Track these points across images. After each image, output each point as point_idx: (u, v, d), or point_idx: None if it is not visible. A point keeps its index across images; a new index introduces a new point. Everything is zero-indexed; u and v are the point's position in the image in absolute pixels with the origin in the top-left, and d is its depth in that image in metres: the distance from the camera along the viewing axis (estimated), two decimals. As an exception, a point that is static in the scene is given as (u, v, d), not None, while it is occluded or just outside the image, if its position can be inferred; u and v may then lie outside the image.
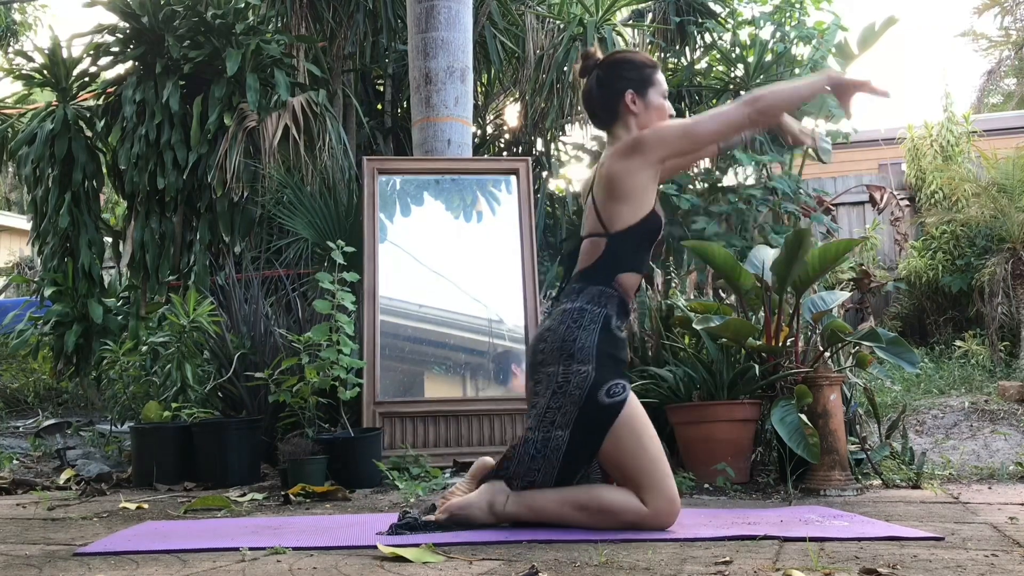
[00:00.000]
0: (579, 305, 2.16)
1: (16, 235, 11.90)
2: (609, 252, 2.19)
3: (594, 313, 2.15)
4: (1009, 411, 4.43)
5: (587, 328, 2.13)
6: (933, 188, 7.75)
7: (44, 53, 5.43)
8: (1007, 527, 2.14)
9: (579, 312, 2.15)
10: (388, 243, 4.07)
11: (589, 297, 2.17)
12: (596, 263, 2.20)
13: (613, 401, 2.09)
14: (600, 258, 2.20)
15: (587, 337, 2.12)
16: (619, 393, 2.10)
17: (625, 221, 2.18)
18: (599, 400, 2.08)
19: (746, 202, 5.53)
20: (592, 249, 2.22)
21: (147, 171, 5.06)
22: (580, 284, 2.21)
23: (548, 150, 6.54)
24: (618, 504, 2.06)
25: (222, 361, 3.85)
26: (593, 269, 2.21)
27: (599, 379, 2.09)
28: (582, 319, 2.14)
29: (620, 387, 2.11)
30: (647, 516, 2.04)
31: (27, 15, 12.46)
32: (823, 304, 3.36)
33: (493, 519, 2.11)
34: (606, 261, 2.19)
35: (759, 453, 3.19)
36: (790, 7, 6.62)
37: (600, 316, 2.15)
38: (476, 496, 2.13)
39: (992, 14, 15.62)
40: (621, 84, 2.25)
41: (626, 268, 2.20)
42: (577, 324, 2.14)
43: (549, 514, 2.10)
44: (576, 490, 2.12)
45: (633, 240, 2.20)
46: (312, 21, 5.52)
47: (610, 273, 2.19)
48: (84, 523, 2.45)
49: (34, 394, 5.78)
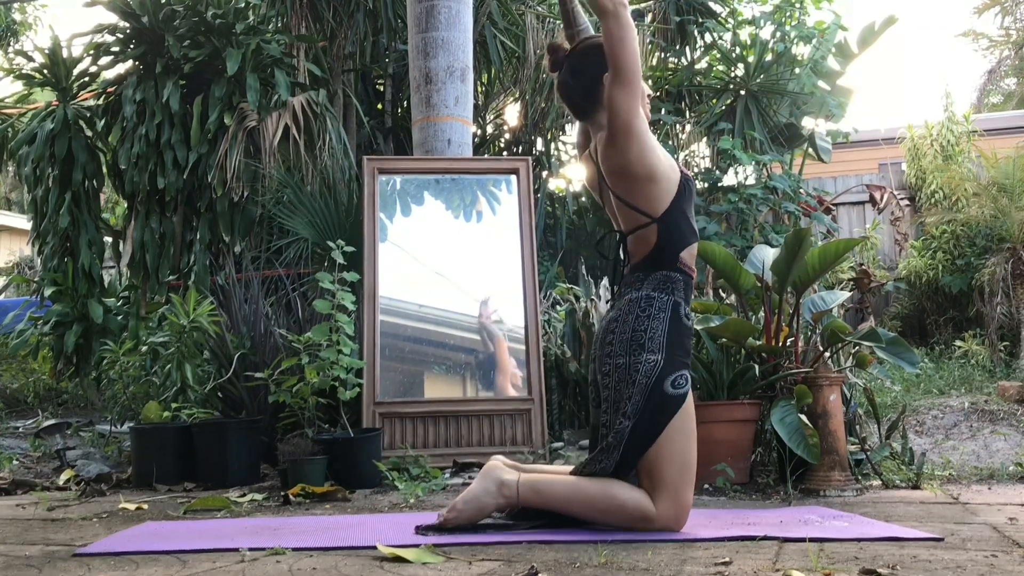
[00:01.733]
0: (645, 293, 2.12)
1: (16, 235, 11.91)
2: (664, 235, 2.14)
3: (662, 301, 2.12)
4: (1009, 411, 4.43)
5: (656, 317, 2.10)
6: (933, 188, 7.74)
7: (44, 53, 5.43)
8: (1007, 528, 2.14)
9: (647, 300, 2.12)
10: (388, 243, 4.07)
11: (654, 284, 2.13)
12: (654, 251, 2.15)
13: (677, 392, 2.07)
14: (656, 245, 2.15)
15: (657, 326, 2.09)
16: (682, 385, 2.08)
17: (665, 199, 2.14)
18: (664, 389, 2.06)
19: (746, 202, 5.53)
20: (642, 241, 2.17)
21: (147, 171, 5.06)
22: (642, 272, 2.16)
23: (548, 150, 6.55)
24: (628, 501, 2.04)
25: (222, 361, 3.85)
26: (652, 258, 2.15)
27: (667, 368, 2.07)
28: (650, 307, 2.11)
29: (684, 379, 2.09)
30: (653, 517, 2.03)
31: (27, 15, 12.47)
32: (823, 304, 3.36)
33: (503, 500, 2.07)
34: (663, 246, 2.15)
35: (759, 453, 3.18)
36: (790, 7, 6.63)
37: (668, 304, 2.12)
38: (479, 483, 2.10)
39: (992, 14, 15.63)
40: (596, 69, 2.19)
41: (686, 242, 2.17)
42: (646, 313, 2.10)
43: (557, 502, 2.08)
44: (588, 482, 2.10)
45: (679, 211, 2.16)
46: (312, 21, 5.52)
47: (673, 254, 2.15)
48: (84, 524, 2.45)
49: (34, 394, 5.78)
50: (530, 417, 3.76)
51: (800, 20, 6.65)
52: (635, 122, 2.11)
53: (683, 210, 2.18)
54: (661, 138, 6.64)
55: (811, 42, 6.40)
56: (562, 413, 4.06)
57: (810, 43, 6.42)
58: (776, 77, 6.35)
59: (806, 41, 6.42)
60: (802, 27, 6.44)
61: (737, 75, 6.50)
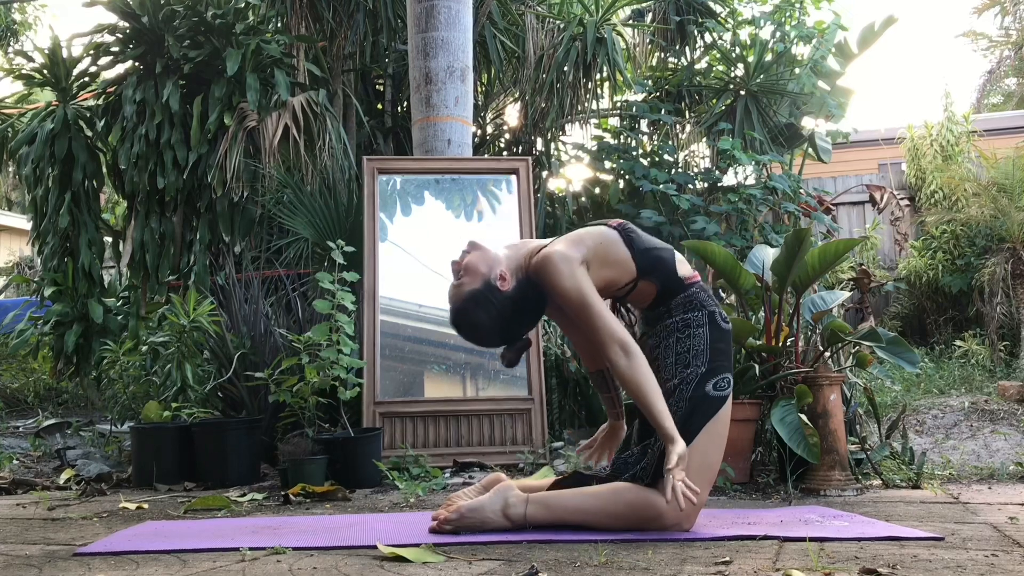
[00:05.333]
0: (679, 318, 2.16)
1: (16, 235, 11.90)
2: (654, 278, 2.17)
3: (697, 318, 2.15)
4: (1009, 411, 4.43)
5: (696, 335, 2.13)
6: (933, 188, 7.75)
7: (44, 53, 5.43)
8: (1007, 527, 2.14)
9: (683, 323, 2.15)
10: (388, 243, 4.07)
11: (682, 309, 2.16)
12: (658, 293, 2.18)
13: (719, 394, 2.10)
14: (656, 289, 2.18)
15: (699, 341, 2.13)
16: (724, 388, 2.12)
17: (626, 264, 2.16)
18: (706, 391, 2.09)
19: (746, 202, 5.53)
20: (641, 294, 2.21)
21: (147, 171, 5.06)
22: (662, 307, 2.19)
23: (548, 150, 6.54)
24: (639, 501, 2.04)
25: (222, 361, 3.85)
26: (661, 296, 2.18)
27: (709, 371, 2.10)
28: (688, 328, 2.14)
29: (726, 382, 2.13)
30: (664, 513, 2.01)
31: (27, 15, 12.48)
32: (823, 304, 3.36)
33: (507, 523, 2.06)
34: (661, 284, 2.18)
35: (759, 453, 3.18)
36: (790, 7, 6.63)
37: (704, 317, 2.15)
38: (488, 499, 2.09)
39: (992, 14, 15.64)
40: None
41: (672, 265, 2.19)
42: (685, 334, 2.14)
43: (567, 512, 2.07)
44: (597, 488, 2.11)
45: (642, 252, 2.18)
46: (312, 21, 5.52)
47: (675, 282, 2.17)
48: (84, 523, 2.45)
49: (34, 394, 5.78)
50: (530, 417, 3.76)
51: (800, 20, 6.65)
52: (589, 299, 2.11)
53: (644, 249, 2.19)
54: (661, 138, 6.65)
55: (811, 42, 6.40)
56: (562, 413, 4.05)
57: (810, 43, 6.42)
58: (776, 77, 6.35)
59: (806, 41, 6.42)
60: (802, 27, 6.44)
61: (737, 75, 6.50)
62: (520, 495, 2.10)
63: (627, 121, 6.59)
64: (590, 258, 2.14)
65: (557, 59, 5.67)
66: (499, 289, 2.13)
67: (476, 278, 2.14)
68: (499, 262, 2.17)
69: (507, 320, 2.16)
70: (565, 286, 2.07)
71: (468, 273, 2.15)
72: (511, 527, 2.06)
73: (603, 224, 2.25)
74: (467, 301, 2.14)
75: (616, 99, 6.97)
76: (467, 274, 2.15)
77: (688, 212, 5.52)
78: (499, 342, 2.20)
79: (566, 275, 2.07)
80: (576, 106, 5.83)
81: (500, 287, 2.13)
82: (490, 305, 2.13)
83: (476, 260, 2.16)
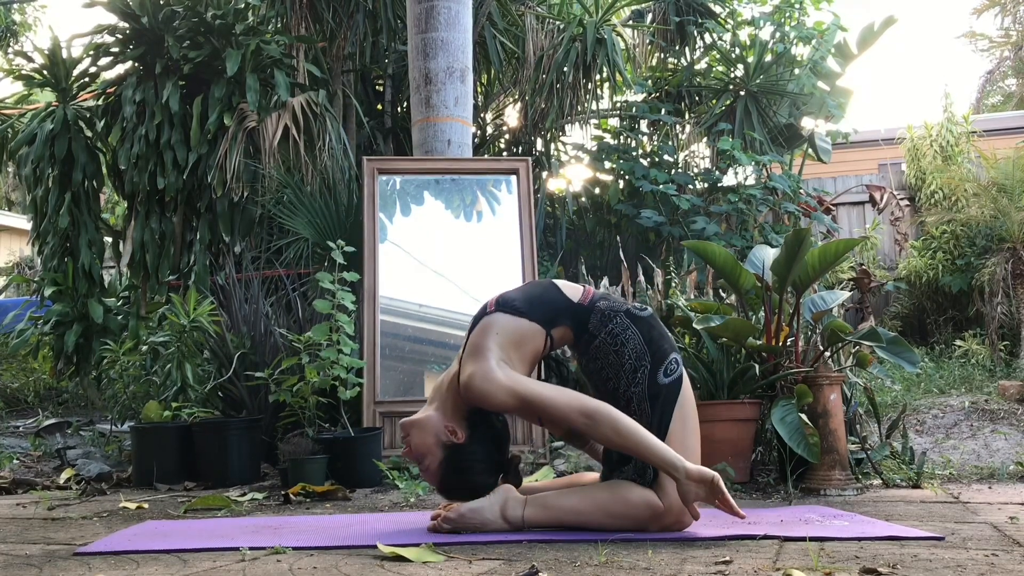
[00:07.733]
0: (603, 336, 2.14)
1: (16, 235, 11.90)
2: (565, 322, 2.17)
3: (618, 324, 2.13)
4: (1009, 411, 4.43)
5: (626, 339, 2.11)
6: (933, 188, 7.75)
7: (44, 53, 5.43)
8: (1007, 527, 2.14)
9: (610, 336, 2.13)
10: (388, 243, 4.08)
11: (601, 325, 2.14)
12: (575, 331, 2.17)
13: (672, 378, 2.10)
14: (572, 329, 2.17)
15: (633, 343, 2.11)
16: (675, 369, 2.11)
17: (536, 329, 2.15)
18: (659, 382, 2.09)
19: (746, 202, 5.53)
20: (563, 340, 2.21)
21: (147, 171, 5.06)
22: (584, 336, 2.16)
23: (548, 150, 6.55)
24: (637, 499, 2.04)
25: (222, 361, 3.85)
26: (578, 331, 2.17)
27: (655, 362, 2.10)
28: (616, 337, 2.12)
29: (675, 362, 2.12)
30: (663, 512, 2.02)
31: (27, 15, 12.48)
32: (823, 304, 3.36)
33: (506, 525, 2.07)
34: (574, 323, 2.17)
35: (759, 453, 3.18)
36: (790, 7, 6.64)
37: (624, 320, 2.14)
38: (488, 500, 2.09)
39: (992, 14, 15.64)
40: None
41: (567, 298, 2.19)
42: (618, 344, 2.12)
43: (565, 512, 2.07)
44: (595, 487, 2.11)
45: (542, 306, 2.18)
46: (312, 21, 5.52)
47: (581, 313, 2.16)
48: (84, 523, 2.45)
49: (34, 394, 5.78)
50: (530, 417, 3.75)
51: (800, 21, 6.66)
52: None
53: (531, 306, 2.17)
54: (661, 138, 6.66)
55: (810, 43, 6.41)
56: (562, 413, 4.05)
57: (809, 44, 6.43)
58: (776, 78, 6.36)
59: (805, 42, 6.43)
60: (801, 28, 6.45)
61: (737, 76, 6.51)
62: (519, 497, 2.11)
63: (627, 121, 6.59)
64: (503, 351, 2.11)
65: (557, 60, 5.68)
66: (458, 443, 2.11)
67: (433, 451, 2.11)
68: (438, 421, 2.13)
69: (489, 457, 2.15)
70: (500, 400, 2.05)
71: (422, 453, 2.12)
72: (510, 529, 2.07)
73: (479, 314, 2.20)
74: (445, 475, 2.12)
75: (616, 99, 6.98)
76: (422, 455, 2.12)
77: (688, 212, 5.52)
78: (496, 479, 2.17)
79: (494, 391, 2.04)
80: (576, 106, 5.83)
81: (457, 441, 2.11)
82: (464, 461, 2.11)
83: (419, 438, 2.13)
